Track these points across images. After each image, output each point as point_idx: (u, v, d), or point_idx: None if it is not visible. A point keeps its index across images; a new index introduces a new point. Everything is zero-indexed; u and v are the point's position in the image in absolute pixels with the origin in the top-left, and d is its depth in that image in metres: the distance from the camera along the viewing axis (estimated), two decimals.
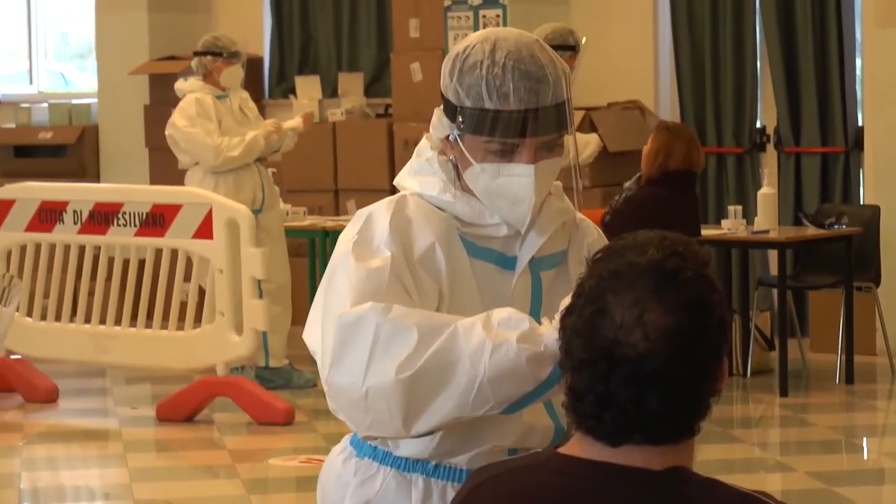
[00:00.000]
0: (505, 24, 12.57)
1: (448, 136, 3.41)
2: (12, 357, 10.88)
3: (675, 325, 2.53)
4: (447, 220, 3.44)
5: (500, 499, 2.70)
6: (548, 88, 3.33)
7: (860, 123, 12.08)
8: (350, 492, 3.46)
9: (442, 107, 3.43)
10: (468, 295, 3.40)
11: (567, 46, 10.57)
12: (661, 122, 10.43)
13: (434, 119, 3.45)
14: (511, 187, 3.36)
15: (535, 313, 3.37)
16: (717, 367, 2.62)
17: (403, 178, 3.54)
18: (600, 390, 2.57)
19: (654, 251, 2.57)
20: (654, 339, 2.52)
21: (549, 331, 3.13)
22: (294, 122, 11.20)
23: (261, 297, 9.84)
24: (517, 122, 3.31)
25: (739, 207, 10.96)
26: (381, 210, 3.44)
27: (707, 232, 10.62)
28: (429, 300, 3.36)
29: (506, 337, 3.12)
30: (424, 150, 3.51)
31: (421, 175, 3.48)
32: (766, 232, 10.80)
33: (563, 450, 2.71)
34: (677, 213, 9.48)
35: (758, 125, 12.52)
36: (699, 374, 2.59)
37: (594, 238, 3.53)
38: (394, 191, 4.02)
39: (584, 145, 10.78)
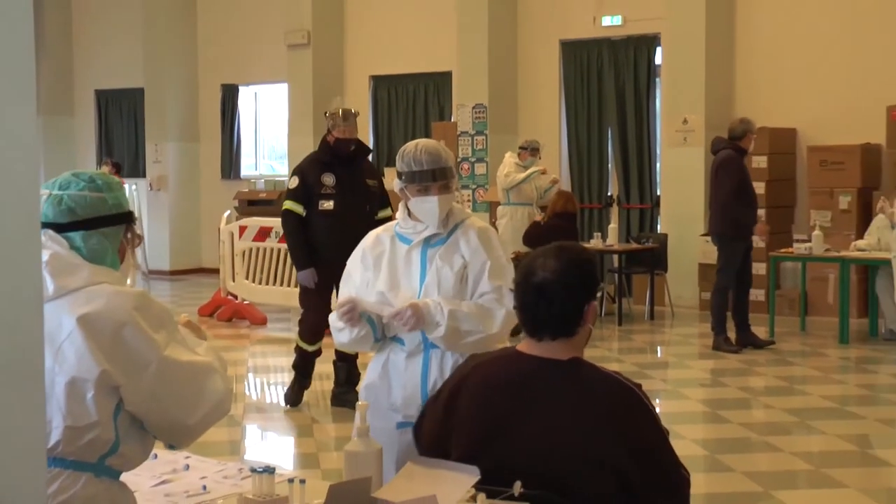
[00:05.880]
0: (487, 146, 12.30)
1: (401, 188, 3.32)
2: (244, 301, 10.68)
3: (561, 266, 2.44)
4: (391, 231, 3.38)
5: (484, 377, 2.53)
6: (439, 160, 3.27)
7: (658, 194, 11.74)
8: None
9: (396, 175, 3.36)
10: (392, 260, 3.31)
11: (534, 149, 10.59)
12: (558, 191, 9.97)
13: (394, 182, 3.36)
14: (429, 209, 3.27)
15: (423, 269, 3.29)
16: (587, 294, 2.46)
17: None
18: (523, 301, 2.47)
19: (559, 244, 2.52)
20: (549, 270, 2.44)
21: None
22: None
23: None
24: (426, 175, 3.26)
25: (599, 234, 10.80)
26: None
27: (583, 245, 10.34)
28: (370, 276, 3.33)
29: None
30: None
31: (398, 212, 3.42)
32: (612, 246, 10.62)
33: (518, 347, 2.53)
34: (565, 232, 9.18)
35: (609, 192, 12.10)
36: (572, 291, 2.44)
37: (471, 231, 3.32)
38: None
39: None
